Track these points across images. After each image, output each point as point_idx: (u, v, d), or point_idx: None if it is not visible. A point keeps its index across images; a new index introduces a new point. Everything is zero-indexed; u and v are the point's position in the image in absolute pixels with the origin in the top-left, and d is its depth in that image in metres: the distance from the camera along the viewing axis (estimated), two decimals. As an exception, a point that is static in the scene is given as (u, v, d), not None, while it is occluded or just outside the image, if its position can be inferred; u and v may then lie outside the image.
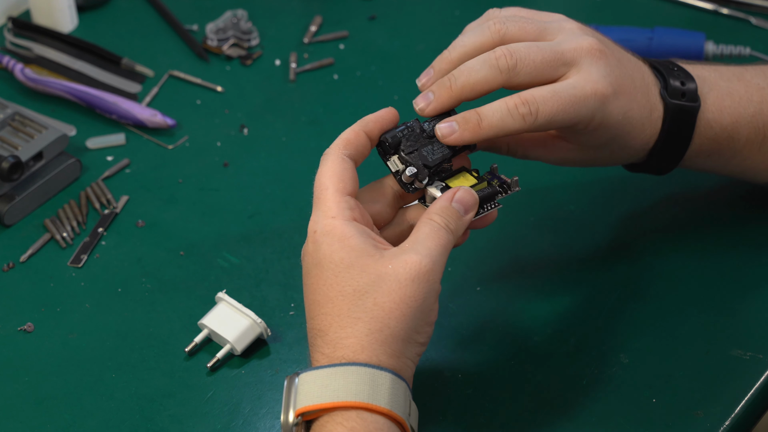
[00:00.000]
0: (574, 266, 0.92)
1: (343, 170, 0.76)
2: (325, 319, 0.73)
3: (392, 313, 0.72)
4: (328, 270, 0.73)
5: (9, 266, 0.93)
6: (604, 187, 0.98)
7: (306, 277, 0.75)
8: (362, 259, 0.73)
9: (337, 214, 0.74)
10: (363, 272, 0.72)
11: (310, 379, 0.71)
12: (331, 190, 0.75)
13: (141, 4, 1.20)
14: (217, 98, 1.09)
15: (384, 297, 0.72)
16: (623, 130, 0.81)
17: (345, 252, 0.73)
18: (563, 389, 0.83)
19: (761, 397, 0.83)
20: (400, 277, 0.72)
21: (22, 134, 0.98)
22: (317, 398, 0.70)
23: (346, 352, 0.71)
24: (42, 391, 0.84)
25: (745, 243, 0.93)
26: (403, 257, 0.73)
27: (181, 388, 0.84)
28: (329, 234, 0.74)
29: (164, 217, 0.97)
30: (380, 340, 0.72)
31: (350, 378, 0.70)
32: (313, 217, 0.76)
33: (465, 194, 0.76)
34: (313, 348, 0.74)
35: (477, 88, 0.78)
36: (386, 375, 0.71)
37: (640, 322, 0.87)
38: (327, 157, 0.78)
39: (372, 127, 0.79)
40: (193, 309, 0.89)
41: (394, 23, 1.18)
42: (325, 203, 0.75)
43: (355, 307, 0.72)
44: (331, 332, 0.72)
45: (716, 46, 1.08)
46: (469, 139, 0.78)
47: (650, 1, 1.19)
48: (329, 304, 0.73)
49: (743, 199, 0.96)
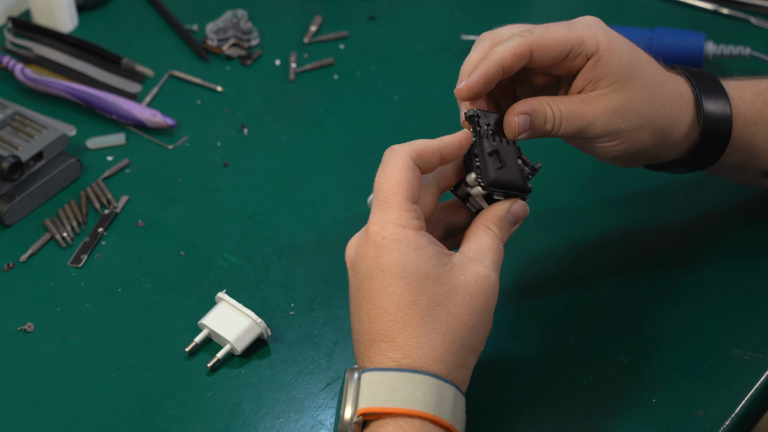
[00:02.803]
0: (574, 266, 0.92)
1: (413, 177, 0.75)
2: (394, 326, 0.73)
3: (465, 324, 0.73)
4: (401, 278, 0.73)
5: (9, 266, 0.93)
6: (604, 187, 0.98)
7: (366, 281, 0.74)
8: (436, 270, 0.73)
9: (408, 223, 0.74)
10: (437, 283, 0.73)
11: (376, 379, 0.71)
12: (401, 197, 0.74)
13: (141, 4, 1.20)
14: (217, 98, 1.09)
15: (458, 309, 0.73)
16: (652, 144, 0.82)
17: (420, 262, 0.73)
18: (563, 389, 0.83)
19: (761, 397, 0.83)
20: (472, 289, 0.73)
21: (22, 134, 0.98)
22: (384, 401, 0.70)
23: (419, 361, 0.72)
24: (42, 391, 0.84)
25: (745, 243, 0.93)
26: (473, 270, 0.74)
27: (181, 388, 0.84)
28: (402, 243, 0.73)
29: (164, 217, 0.97)
30: (452, 351, 0.73)
31: (418, 387, 0.71)
32: (377, 220, 0.74)
33: (519, 208, 0.78)
34: (373, 349, 0.73)
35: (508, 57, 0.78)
36: (451, 389, 0.72)
37: (640, 322, 0.87)
38: (396, 157, 0.75)
39: (449, 152, 0.77)
40: (193, 309, 0.89)
41: (394, 23, 1.18)
42: (394, 210, 0.74)
43: (428, 317, 0.72)
44: (400, 339, 0.72)
45: (716, 46, 1.08)
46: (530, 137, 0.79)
47: (650, 1, 1.19)
48: (400, 312, 0.72)
49: (743, 200, 0.96)
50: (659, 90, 0.82)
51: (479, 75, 0.78)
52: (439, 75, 1.12)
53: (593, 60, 0.79)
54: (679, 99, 0.83)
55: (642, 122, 0.80)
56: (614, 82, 0.80)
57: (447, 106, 1.08)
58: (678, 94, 0.83)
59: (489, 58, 0.78)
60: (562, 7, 1.20)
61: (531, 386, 0.83)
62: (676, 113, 0.82)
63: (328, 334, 0.87)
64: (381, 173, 0.75)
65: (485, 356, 0.85)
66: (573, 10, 1.19)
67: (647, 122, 0.81)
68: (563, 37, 0.79)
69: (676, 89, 0.83)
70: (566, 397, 0.82)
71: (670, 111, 0.82)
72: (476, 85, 0.78)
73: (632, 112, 0.80)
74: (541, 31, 0.79)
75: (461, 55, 1.13)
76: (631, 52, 0.81)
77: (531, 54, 0.78)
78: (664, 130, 0.82)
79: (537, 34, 0.79)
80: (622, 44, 0.80)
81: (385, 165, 0.76)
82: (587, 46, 0.79)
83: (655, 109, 0.81)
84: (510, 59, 0.78)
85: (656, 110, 0.81)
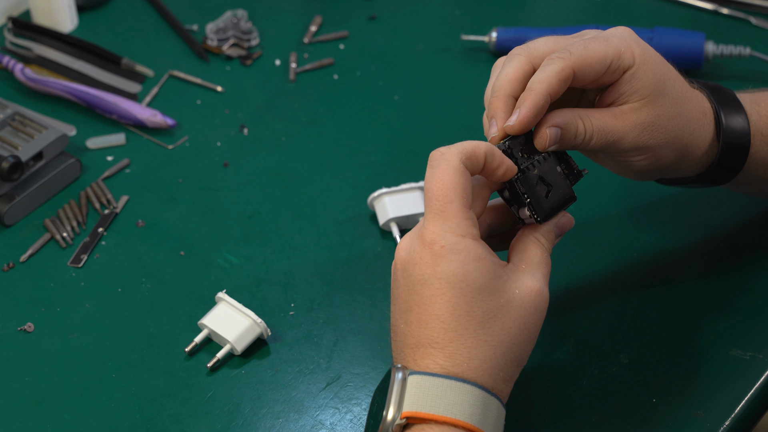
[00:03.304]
0: (574, 266, 0.92)
1: (466, 182, 0.74)
2: (446, 334, 0.72)
3: (516, 339, 0.73)
4: (458, 288, 0.72)
5: (9, 266, 0.93)
6: (605, 187, 0.98)
7: (421, 286, 0.73)
8: (493, 282, 0.73)
9: (467, 232, 0.73)
10: (493, 296, 0.73)
11: (423, 383, 0.71)
12: (458, 205, 0.73)
13: (141, 4, 1.20)
14: (217, 98, 1.09)
15: (511, 323, 0.73)
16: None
17: (478, 274, 0.72)
18: (563, 389, 0.83)
19: (761, 397, 0.82)
20: (526, 304, 0.73)
21: (22, 134, 0.98)
22: (430, 407, 0.70)
23: (468, 371, 0.72)
24: (42, 391, 0.84)
25: (746, 243, 0.93)
26: (527, 284, 0.74)
27: (181, 388, 0.84)
28: (461, 252, 0.72)
29: (164, 217, 0.97)
30: (501, 365, 0.73)
31: (465, 397, 0.71)
32: (434, 228, 0.73)
33: (567, 222, 0.78)
34: (422, 353, 0.73)
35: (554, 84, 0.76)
36: (496, 402, 0.72)
37: (640, 322, 0.87)
38: (447, 162, 0.74)
39: (492, 161, 0.75)
40: (193, 309, 0.89)
41: (394, 23, 1.18)
42: (452, 218, 0.73)
43: (482, 329, 0.72)
44: (452, 346, 0.72)
45: (716, 46, 1.08)
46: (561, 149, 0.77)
47: (650, 1, 1.19)
48: (454, 321, 0.72)
49: (744, 200, 0.96)
50: (686, 107, 0.81)
51: (530, 109, 0.76)
52: (439, 75, 1.12)
53: (629, 74, 0.78)
54: (702, 116, 0.82)
55: (668, 139, 0.79)
56: (646, 96, 0.78)
57: (447, 107, 1.08)
58: (702, 111, 0.82)
59: (535, 88, 0.76)
60: (562, 7, 1.20)
61: (531, 386, 0.83)
62: (699, 131, 0.81)
63: (328, 334, 0.87)
64: (432, 179, 0.74)
65: (485, 356, 0.85)
66: (573, 10, 1.19)
67: (673, 139, 0.80)
68: (602, 53, 0.77)
69: (700, 106, 0.82)
70: (566, 397, 0.82)
71: (695, 128, 0.81)
72: (528, 119, 0.76)
73: (661, 128, 0.79)
74: (580, 50, 0.77)
75: (461, 55, 1.14)
76: (662, 66, 0.80)
77: (574, 77, 0.77)
78: (687, 147, 0.81)
79: (577, 54, 0.76)
80: (654, 58, 0.79)
81: (435, 170, 0.74)
82: (624, 59, 0.77)
83: (682, 126, 0.80)
84: (556, 86, 0.76)
85: (682, 127, 0.80)
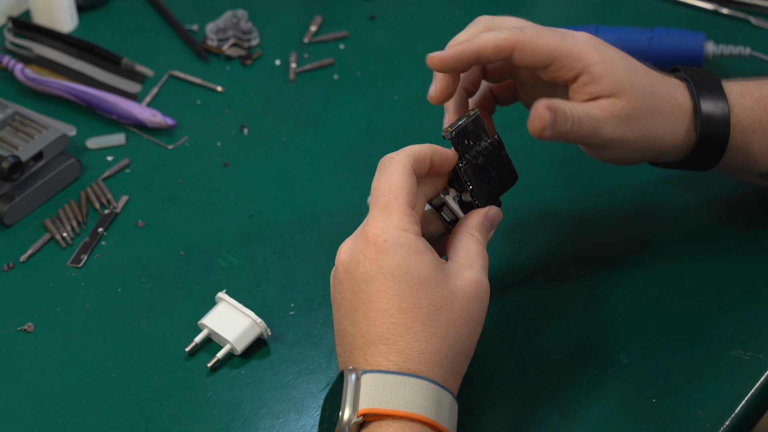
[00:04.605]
0: (574, 266, 0.92)
1: (412, 183, 0.76)
2: (395, 328, 0.73)
3: (462, 329, 0.74)
4: (403, 281, 0.73)
5: (9, 266, 0.93)
6: (605, 187, 0.98)
7: (366, 284, 0.74)
8: (436, 274, 0.74)
9: (409, 227, 0.75)
10: (437, 287, 0.74)
11: (377, 380, 0.71)
12: (402, 201, 0.75)
13: (141, 4, 1.20)
14: (217, 98, 1.09)
15: (457, 314, 0.74)
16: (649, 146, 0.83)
17: (422, 266, 0.74)
18: (563, 389, 0.83)
19: (761, 397, 0.83)
20: (468, 294, 0.74)
21: (22, 134, 0.98)
22: (386, 403, 0.71)
23: (420, 365, 0.72)
24: (42, 391, 0.84)
25: (746, 243, 0.93)
26: (467, 275, 0.75)
27: (181, 388, 0.84)
28: (404, 246, 0.74)
29: (164, 217, 0.97)
30: (450, 356, 0.73)
31: (419, 391, 0.71)
32: (377, 223, 0.74)
33: (495, 214, 0.80)
34: (372, 351, 0.73)
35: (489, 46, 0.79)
36: (449, 395, 0.72)
37: (640, 322, 0.87)
38: (395, 164, 0.76)
39: (437, 159, 0.78)
40: (193, 309, 0.89)
41: (394, 23, 1.18)
42: (396, 214, 0.75)
43: (429, 321, 0.73)
44: (402, 341, 0.73)
45: (716, 46, 1.08)
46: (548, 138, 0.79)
47: (650, 1, 1.19)
48: (402, 315, 0.73)
49: (744, 200, 0.96)
50: (657, 100, 0.82)
51: (454, 52, 0.79)
52: (439, 75, 1.12)
53: (587, 76, 0.80)
54: (676, 108, 0.83)
55: (644, 132, 0.81)
56: (614, 93, 0.80)
57: (447, 106, 1.08)
58: (675, 103, 0.83)
59: (472, 41, 0.79)
60: (563, 7, 1.20)
61: (531, 386, 0.83)
62: (673, 122, 0.83)
63: (328, 334, 0.87)
64: (380, 179, 0.76)
65: (485, 356, 0.85)
66: (573, 10, 1.19)
67: (648, 132, 0.82)
68: (550, 47, 0.79)
69: (673, 98, 0.83)
70: (566, 397, 0.82)
71: (668, 120, 0.83)
72: (448, 59, 0.79)
73: (636, 121, 0.81)
74: (532, 33, 0.80)
75: (461, 55, 1.14)
76: (625, 63, 0.81)
77: (513, 51, 0.79)
78: (663, 138, 0.83)
79: (526, 35, 0.79)
80: (615, 58, 0.81)
81: (384, 171, 0.76)
82: (573, 62, 0.79)
83: (654, 119, 0.82)
84: (490, 49, 0.79)
85: (655, 120, 0.82)
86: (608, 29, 1.08)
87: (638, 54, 1.07)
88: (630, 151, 0.82)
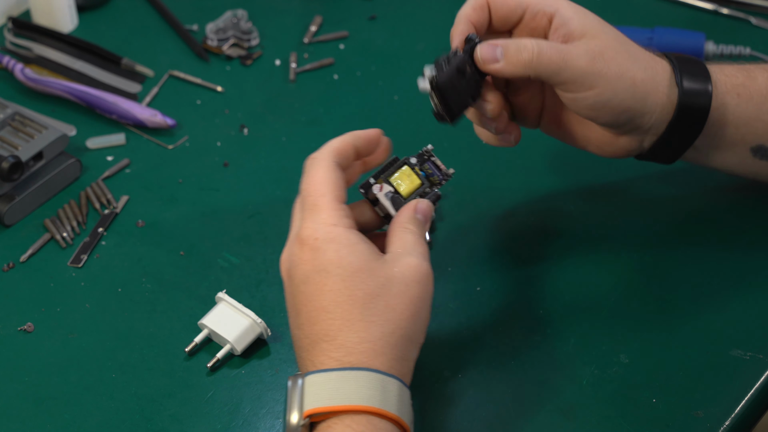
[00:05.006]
0: (574, 266, 0.92)
1: (337, 178, 0.77)
2: (334, 323, 0.73)
3: (403, 314, 0.73)
4: (336, 275, 0.73)
5: (9, 266, 0.93)
6: (604, 188, 0.98)
7: (303, 285, 0.75)
8: (370, 264, 0.74)
9: (339, 221, 0.75)
10: (372, 276, 0.74)
11: (319, 381, 0.72)
12: (329, 198, 0.76)
13: (141, 4, 1.20)
14: (217, 98, 1.09)
15: (395, 299, 0.73)
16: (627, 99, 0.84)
17: (354, 257, 0.74)
18: (563, 389, 0.83)
19: (761, 397, 0.83)
20: (407, 279, 0.74)
21: (22, 134, 0.98)
22: (328, 401, 0.71)
23: (360, 357, 0.72)
24: (42, 391, 0.84)
25: (746, 243, 0.93)
26: (406, 260, 0.75)
27: (181, 388, 0.84)
28: (334, 241, 0.74)
29: (164, 217, 0.97)
30: (392, 342, 0.73)
31: (362, 383, 0.71)
32: (308, 224, 0.76)
33: (425, 206, 0.80)
34: (316, 351, 0.74)
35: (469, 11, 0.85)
36: (395, 382, 0.72)
37: (640, 322, 0.87)
38: (318, 163, 0.78)
39: (361, 143, 0.80)
40: (193, 309, 0.89)
41: (394, 23, 1.18)
42: (324, 211, 0.76)
43: (367, 310, 0.73)
44: (341, 336, 0.73)
45: (716, 46, 1.08)
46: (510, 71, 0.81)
47: (650, 1, 1.19)
48: (338, 309, 0.73)
49: (744, 200, 0.96)
50: (632, 48, 0.84)
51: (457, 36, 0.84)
52: (439, 75, 1.12)
53: (558, 19, 0.83)
54: (652, 59, 0.85)
55: (621, 71, 0.82)
56: (585, 33, 0.82)
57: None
58: (652, 57, 0.85)
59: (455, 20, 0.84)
60: (562, 7, 1.20)
61: (531, 386, 0.83)
62: (651, 71, 0.84)
63: (328, 334, 0.87)
64: (305, 180, 0.78)
65: (485, 356, 0.85)
66: (573, 10, 1.19)
67: (626, 72, 0.82)
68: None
69: (650, 55, 0.85)
70: (566, 397, 0.82)
71: (647, 65, 0.84)
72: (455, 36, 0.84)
73: (611, 59, 0.82)
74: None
75: (461, 55, 1.14)
76: (595, 15, 0.84)
77: (489, 5, 0.84)
78: (644, 83, 0.83)
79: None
80: (587, 10, 0.84)
81: (308, 172, 0.78)
82: (544, 6, 0.83)
83: (632, 61, 0.83)
84: (470, 11, 0.84)
85: (632, 62, 0.83)
86: (608, 29, 1.08)
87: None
88: (610, 92, 0.82)
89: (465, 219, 0.96)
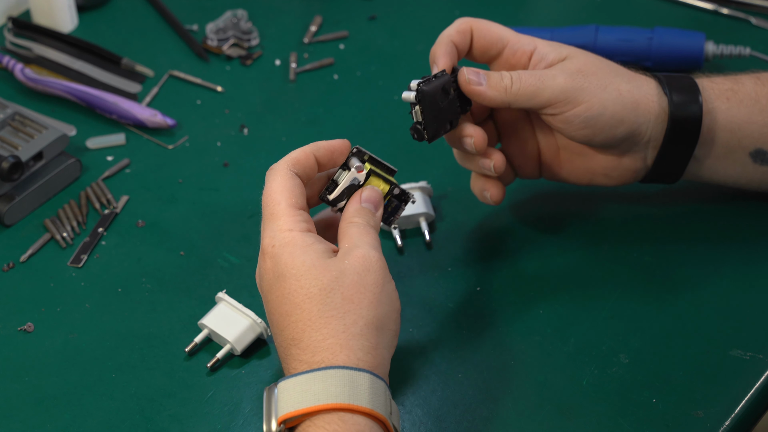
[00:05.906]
0: (574, 266, 0.92)
1: (294, 186, 0.78)
2: (297, 326, 0.74)
3: (362, 302, 0.74)
4: (291, 277, 0.74)
5: (9, 266, 0.93)
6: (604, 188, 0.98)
7: (269, 294, 0.76)
8: (322, 261, 0.75)
9: (293, 227, 0.76)
10: (325, 271, 0.74)
11: (289, 386, 0.72)
12: (284, 205, 0.77)
13: (141, 4, 1.20)
14: (217, 98, 1.09)
15: (350, 290, 0.74)
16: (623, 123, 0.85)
17: (306, 256, 0.75)
18: (563, 389, 0.83)
19: (761, 397, 0.83)
20: (357, 269, 0.75)
21: (22, 134, 0.98)
22: (298, 404, 0.71)
23: (326, 354, 0.72)
24: (42, 391, 0.84)
25: (746, 243, 0.93)
26: (354, 252, 0.76)
27: (181, 388, 0.84)
28: (288, 245, 0.75)
29: (164, 217, 0.97)
30: (356, 333, 0.73)
31: (329, 381, 0.71)
32: (266, 234, 0.77)
33: (371, 193, 0.80)
34: (288, 358, 0.74)
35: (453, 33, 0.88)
36: (365, 375, 0.72)
37: (640, 322, 0.87)
38: (275, 173, 0.79)
39: (323, 153, 0.81)
40: (193, 309, 0.89)
41: (394, 23, 1.18)
42: (279, 218, 0.77)
43: (324, 306, 0.73)
44: (305, 337, 0.73)
45: (716, 46, 1.08)
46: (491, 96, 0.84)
47: (650, 1, 1.19)
48: (297, 311, 0.74)
49: (744, 200, 0.96)
50: (613, 65, 0.88)
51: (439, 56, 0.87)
52: (439, 75, 1.12)
53: (538, 55, 0.86)
54: (635, 75, 0.88)
55: (604, 83, 0.85)
56: (564, 58, 0.86)
57: (447, 106, 1.08)
58: (634, 72, 0.88)
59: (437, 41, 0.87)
60: (562, 7, 1.20)
61: (531, 386, 0.83)
62: (637, 80, 0.86)
63: (328, 334, 0.87)
64: (264, 192, 0.78)
65: (485, 356, 0.85)
66: (573, 10, 1.19)
67: (609, 84, 0.85)
68: (503, 31, 0.88)
69: (633, 72, 0.88)
70: (566, 397, 0.82)
71: (630, 78, 0.86)
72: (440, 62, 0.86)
73: (591, 73, 0.85)
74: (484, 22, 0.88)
75: (461, 55, 1.14)
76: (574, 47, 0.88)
77: (472, 32, 0.88)
78: (630, 92, 0.85)
79: (480, 20, 0.88)
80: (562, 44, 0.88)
81: (266, 183, 0.79)
82: (524, 44, 0.87)
83: (613, 75, 0.86)
84: (454, 34, 0.87)
85: (614, 75, 0.86)
86: (608, 29, 1.08)
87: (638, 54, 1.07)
88: (598, 106, 0.84)
89: (465, 219, 0.96)
